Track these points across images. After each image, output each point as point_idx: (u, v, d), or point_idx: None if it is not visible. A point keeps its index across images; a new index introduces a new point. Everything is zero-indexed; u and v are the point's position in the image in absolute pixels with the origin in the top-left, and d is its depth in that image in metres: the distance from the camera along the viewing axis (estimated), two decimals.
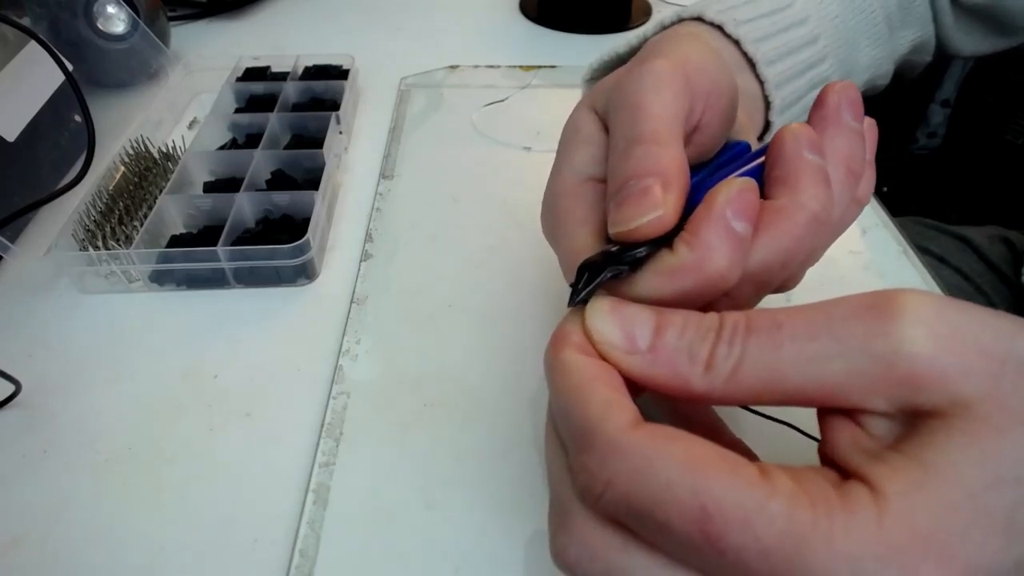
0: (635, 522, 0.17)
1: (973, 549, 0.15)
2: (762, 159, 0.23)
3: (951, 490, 0.15)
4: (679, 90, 0.22)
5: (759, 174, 0.23)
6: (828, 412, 0.18)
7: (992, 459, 0.16)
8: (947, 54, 0.45)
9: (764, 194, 0.22)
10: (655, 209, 0.20)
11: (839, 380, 0.17)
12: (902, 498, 0.15)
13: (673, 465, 0.16)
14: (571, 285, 0.21)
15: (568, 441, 0.18)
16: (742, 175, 0.22)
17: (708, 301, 0.21)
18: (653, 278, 0.20)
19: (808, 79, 0.34)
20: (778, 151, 0.22)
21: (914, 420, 0.17)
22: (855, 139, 0.23)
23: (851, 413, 0.18)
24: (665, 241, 0.20)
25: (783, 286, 0.24)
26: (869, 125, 0.25)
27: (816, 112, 0.24)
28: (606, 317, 0.19)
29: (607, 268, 0.21)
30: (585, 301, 0.21)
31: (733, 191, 0.20)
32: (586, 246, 0.23)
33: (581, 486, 0.17)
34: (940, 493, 0.16)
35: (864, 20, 0.37)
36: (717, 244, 0.19)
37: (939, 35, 0.43)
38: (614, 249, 0.21)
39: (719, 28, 0.32)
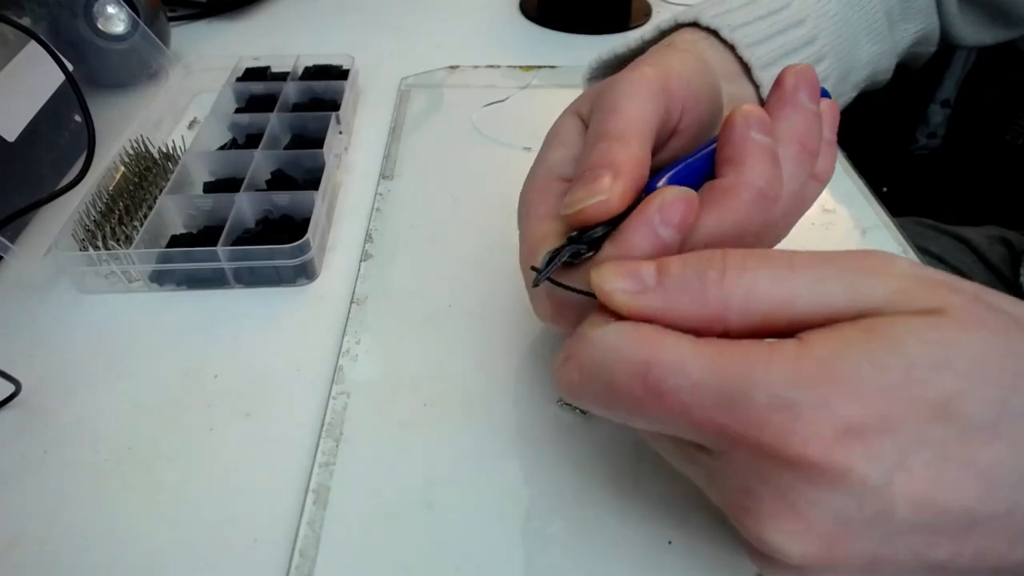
0: (593, 387, 0.20)
1: (896, 409, 0.17)
2: (715, 144, 0.24)
3: (886, 353, 0.17)
4: (654, 95, 0.24)
5: (711, 158, 0.24)
6: None
7: (946, 346, 0.17)
8: (951, 44, 0.45)
9: (715, 174, 0.24)
10: (600, 194, 0.21)
11: (840, 302, 0.18)
12: (825, 345, 0.17)
13: (623, 335, 0.19)
14: (533, 268, 0.23)
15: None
16: (698, 159, 0.24)
17: None
18: (582, 272, 0.22)
19: None
20: (728, 133, 0.23)
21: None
22: (810, 118, 0.24)
23: None
24: (617, 224, 0.22)
25: None
26: (828, 105, 0.26)
27: (773, 93, 0.25)
28: (610, 270, 0.20)
29: (566, 248, 0.22)
30: (546, 279, 0.22)
31: (667, 199, 0.21)
32: (547, 236, 0.24)
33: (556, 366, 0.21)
34: (871, 350, 0.17)
35: (864, 16, 0.37)
36: (639, 246, 0.21)
37: (943, 25, 0.43)
38: (573, 234, 0.23)
39: (714, 33, 0.32)
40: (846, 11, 0.36)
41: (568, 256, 0.22)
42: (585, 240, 0.22)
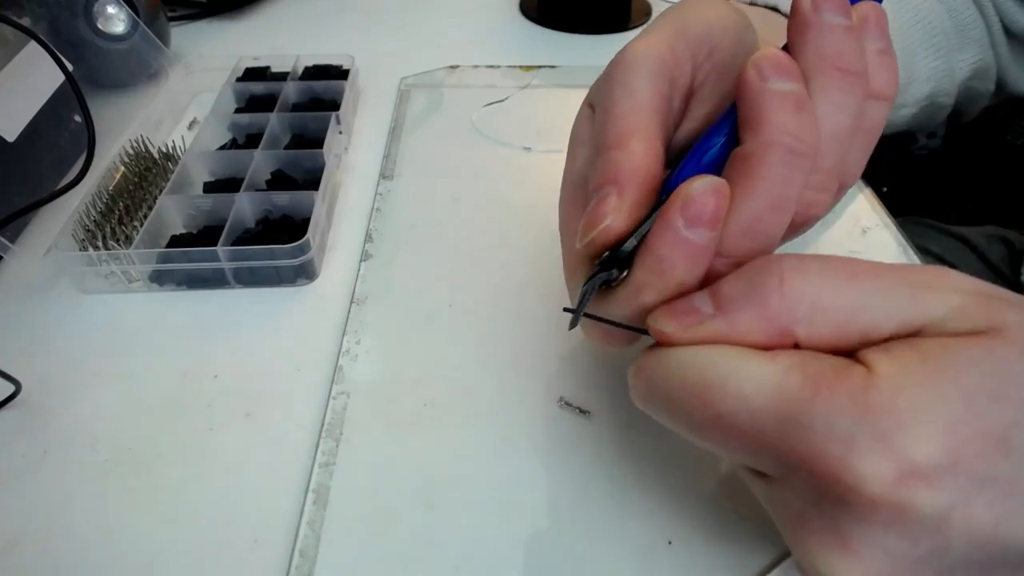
0: (657, 402, 0.20)
1: (958, 445, 0.16)
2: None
3: (945, 383, 0.16)
4: (652, 73, 0.22)
5: (735, 125, 0.21)
6: None
7: (1003, 375, 0.16)
8: (1010, 93, 0.44)
9: (738, 142, 0.21)
10: (605, 219, 0.20)
11: (904, 316, 0.18)
12: (889, 374, 0.16)
13: (686, 354, 0.18)
14: (566, 310, 0.22)
15: None
16: (719, 130, 0.21)
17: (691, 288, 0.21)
18: (622, 300, 0.21)
19: None
20: (741, 90, 0.20)
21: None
22: (841, 35, 0.20)
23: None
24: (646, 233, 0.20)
25: (804, 221, 0.23)
26: (871, 8, 0.22)
27: (791, 23, 0.21)
28: (663, 315, 0.20)
29: (595, 278, 0.21)
30: (580, 316, 0.21)
31: (690, 194, 0.19)
32: (582, 260, 0.23)
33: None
34: (932, 381, 0.16)
35: (922, 30, 0.37)
36: (670, 258, 0.19)
37: (999, 70, 0.43)
38: (604, 257, 0.21)
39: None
40: (906, 25, 0.36)
41: (600, 284, 0.21)
42: (617, 259, 0.21)
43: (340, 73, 0.55)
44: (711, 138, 0.21)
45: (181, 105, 0.54)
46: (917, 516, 0.16)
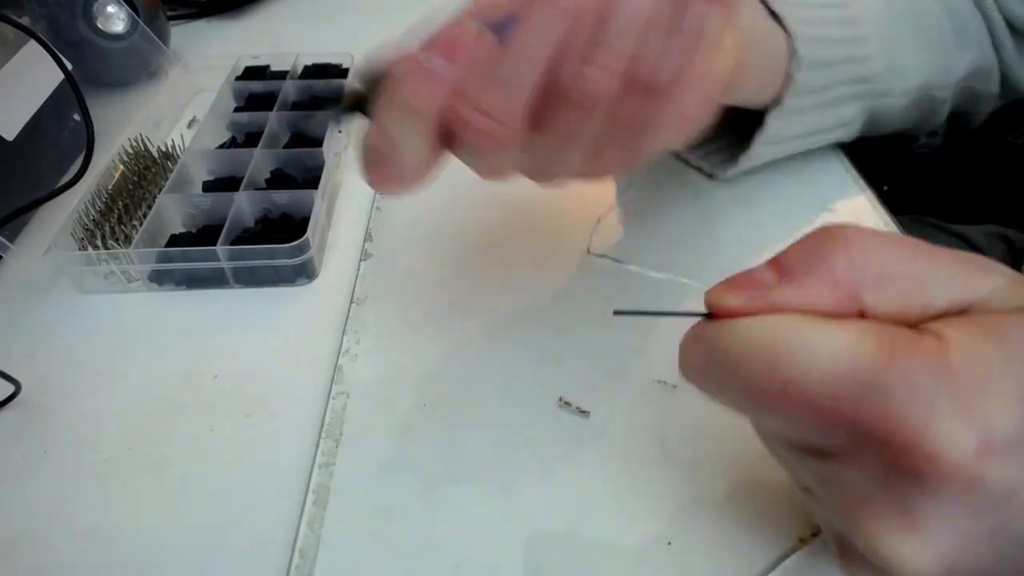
0: (717, 372, 0.19)
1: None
2: None
3: (1011, 354, 0.16)
4: None
5: None
6: None
7: None
8: (1019, 92, 0.44)
9: None
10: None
11: (959, 294, 0.18)
12: (961, 343, 0.16)
13: (754, 317, 0.18)
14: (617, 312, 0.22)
15: None
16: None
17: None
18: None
19: (842, 47, 0.34)
20: None
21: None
22: None
23: None
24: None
25: (590, 103, 0.23)
26: None
27: None
28: (722, 290, 0.19)
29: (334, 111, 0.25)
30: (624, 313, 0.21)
31: (435, 34, 0.22)
32: None
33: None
34: (1001, 351, 0.16)
35: (912, 21, 0.37)
36: (404, 81, 0.22)
37: (1002, 68, 0.42)
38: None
39: None
40: (894, 10, 0.36)
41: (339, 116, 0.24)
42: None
43: (340, 72, 0.54)
44: None
45: (180, 104, 0.54)
46: (988, 490, 0.16)
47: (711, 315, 0.20)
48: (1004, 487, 0.16)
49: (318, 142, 0.45)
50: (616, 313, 0.22)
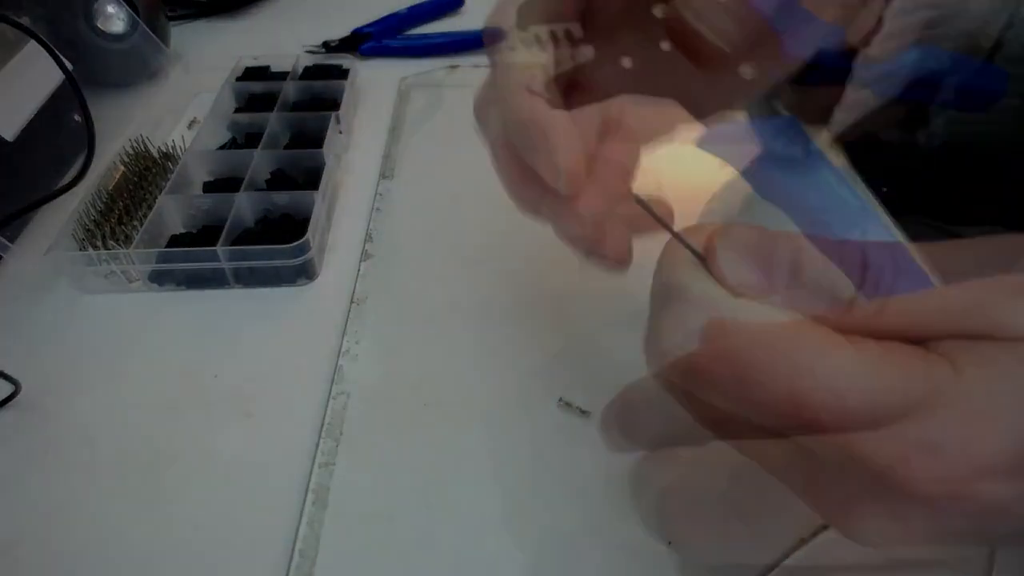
0: (723, 380, 0.18)
1: None
2: None
3: (1018, 384, 0.16)
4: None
5: None
6: None
7: None
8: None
9: None
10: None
11: (978, 326, 0.17)
12: (974, 376, 0.16)
13: (775, 325, 0.17)
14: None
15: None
16: None
17: None
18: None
19: None
20: None
21: None
22: None
23: None
24: None
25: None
26: None
27: None
28: (737, 262, 0.19)
29: None
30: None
31: None
32: None
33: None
34: (1011, 374, 0.16)
35: None
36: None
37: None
38: None
39: None
40: None
41: None
42: None
43: (340, 72, 0.54)
44: None
45: (181, 104, 0.54)
46: (979, 507, 0.16)
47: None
48: (997, 505, 0.16)
49: (318, 143, 0.45)
50: (636, 201, 0.22)
